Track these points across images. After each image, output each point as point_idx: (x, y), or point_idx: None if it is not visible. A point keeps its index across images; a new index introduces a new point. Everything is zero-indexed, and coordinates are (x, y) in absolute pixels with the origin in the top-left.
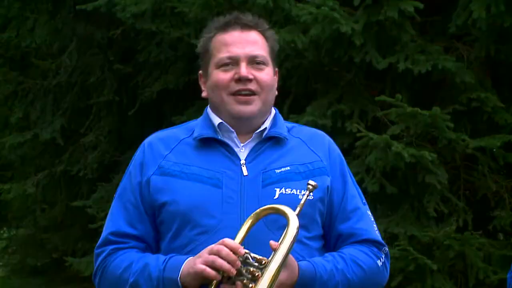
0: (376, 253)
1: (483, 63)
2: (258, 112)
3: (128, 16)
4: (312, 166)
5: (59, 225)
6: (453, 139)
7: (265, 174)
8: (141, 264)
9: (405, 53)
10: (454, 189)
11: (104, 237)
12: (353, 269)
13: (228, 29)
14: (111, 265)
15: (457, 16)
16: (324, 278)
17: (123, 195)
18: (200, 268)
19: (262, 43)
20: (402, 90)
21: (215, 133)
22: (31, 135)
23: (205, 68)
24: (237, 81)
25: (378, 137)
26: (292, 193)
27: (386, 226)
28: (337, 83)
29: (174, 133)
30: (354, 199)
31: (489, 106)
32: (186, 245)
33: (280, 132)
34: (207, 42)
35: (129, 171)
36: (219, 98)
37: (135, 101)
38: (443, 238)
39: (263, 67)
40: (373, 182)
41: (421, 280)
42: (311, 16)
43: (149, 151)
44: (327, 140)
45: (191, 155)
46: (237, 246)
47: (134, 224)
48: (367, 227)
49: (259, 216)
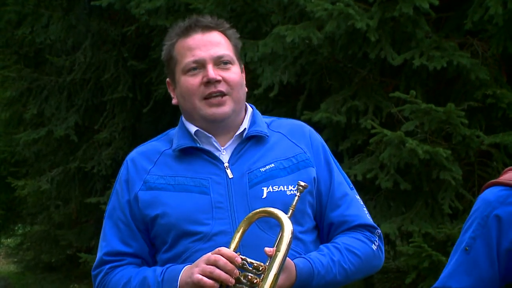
0: (370, 238)
1: (498, 59)
2: (232, 112)
3: (142, 12)
4: (296, 160)
5: (74, 221)
6: (467, 135)
7: (250, 175)
8: (139, 278)
9: (420, 49)
10: (469, 185)
11: (100, 258)
12: (349, 258)
13: (189, 33)
14: (110, 282)
15: (474, 12)
16: (322, 273)
17: (113, 214)
18: (197, 278)
19: (225, 43)
20: (416, 87)
21: (193, 141)
22: (46, 131)
23: (172, 76)
24: (206, 84)
25: (392, 133)
26: (279, 190)
27: (400, 223)
28: (351, 79)
29: (154, 146)
30: (341, 185)
31: (504, 102)
32: (182, 253)
33: (260, 130)
34: (170, 48)
35: (115, 189)
36: (191, 105)
37: (149, 98)
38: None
39: (230, 66)
40: (387, 179)
41: (435, 277)
42: (326, 12)
43: (132, 168)
44: (307, 130)
45: (174, 166)
46: (234, 255)
47: (127, 241)
48: (357, 212)
49: (251, 220)
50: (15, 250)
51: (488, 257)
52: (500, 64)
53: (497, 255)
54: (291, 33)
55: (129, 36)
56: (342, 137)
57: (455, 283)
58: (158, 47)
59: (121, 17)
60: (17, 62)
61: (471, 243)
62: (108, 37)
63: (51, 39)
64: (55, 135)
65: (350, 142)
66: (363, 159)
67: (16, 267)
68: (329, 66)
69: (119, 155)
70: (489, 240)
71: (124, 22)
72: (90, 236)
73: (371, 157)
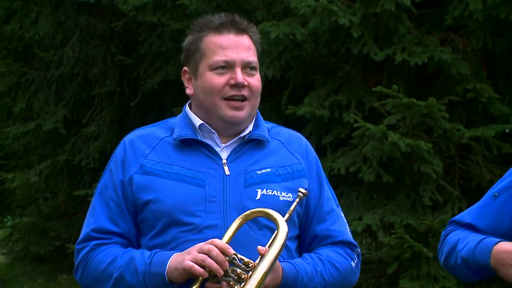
0: (350, 254)
1: (478, 54)
2: (248, 117)
3: (129, 8)
4: (292, 169)
5: (62, 213)
6: (448, 129)
7: (247, 175)
8: (126, 259)
9: (402, 45)
10: (449, 178)
11: (86, 233)
12: (330, 271)
13: (222, 31)
14: (94, 259)
15: (454, 8)
16: (305, 280)
17: (104, 192)
18: (188, 265)
19: (253, 49)
20: (398, 81)
21: (195, 133)
22: (34, 125)
23: (193, 66)
24: (232, 87)
25: (375, 127)
26: (273, 194)
27: (382, 215)
28: (335, 74)
29: (154, 132)
30: (329, 201)
31: (484, 97)
32: (170, 241)
33: (263, 135)
34: (198, 40)
35: (109, 168)
36: (211, 101)
37: (136, 92)
38: (439, 226)
39: (254, 72)
40: (370, 172)
41: (416, 267)
42: (310, 9)
43: (130, 149)
44: (304, 142)
45: (172, 154)
46: (227, 247)
47: (116, 221)
48: (341, 228)
49: (247, 218)
50: (4, 241)
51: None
52: (480, 59)
53: None
54: (276, 29)
55: (117, 31)
56: (325, 131)
57: (471, 219)
58: (146, 42)
59: (109, 12)
60: (7, 57)
61: (502, 191)
62: (96, 33)
63: (40, 35)
64: (44, 128)
65: (333, 136)
66: (346, 152)
67: (5, 258)
68: (313, 61)
69: (107, 148)
70: None
71: (112, 17)
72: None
73: (354, 150)
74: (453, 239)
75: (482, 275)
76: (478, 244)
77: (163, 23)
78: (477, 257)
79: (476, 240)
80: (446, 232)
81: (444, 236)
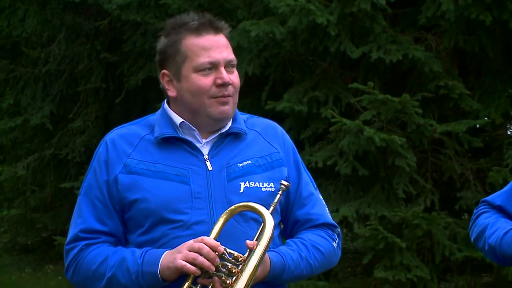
0: (331, 236)
1: (450, 53)
2: (233, 112)
3: (114, 7)
4: (271, 158)
5: (49, 205)
6: (421, 124)
7: (229, 169)
8: (117, 258)
9: (377, 43)
10: (422, 171)
11: (75, 234)
12: (314, 255)
13: (202, 32)
14: (85, 259)
15: (427, 8)
16: (292, 268)
17: (89, 192)
18: (180, 264)
19: (230, 46)
20: (374, 78)
21: (175, 131)
22: (22, 120)
23: (175, 69)
24: (219, 86)
25: (351, 122)
26: (255, 186)
27: (358, 207)
28: (313, 71)
29: (134, 130)
30: (307, 185)
31: (456, 93)
32: (159, 238)
33: (241, 127)
34: (177, 43)
35: (93, 167)
36: (198, 102)
37: (121, 88)
38: (412, 218)
39: (234, 70)
40: (346, 165)
41: (390, 257)
42: (289, 8)
43: (112, 149)
44: (280, 130)
45: (154, 152)
46: (217, 244)
47: (103, 220)
48: (321, 211)
49: (233, 213)
50: None
51: None
52: (452, 57)
53: None
54: (256, 28)
55: (102, 29)
56: (303, 126)
57: (501, 201)
58: (130, 40)
59: (94, 11)
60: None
61: None
62: (82, 31)
63: (27, 32)
64: (31, 123)
65: (311, 130)
66: (323, 146)
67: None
68: (292, 59)
69: (93, 142)
70: None
71: (97, 16)
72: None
73: (331, 144)
74: (483, 222)
75: (508, 263)
76: (506, 234)
77: (147, 21)
78: (504, 247)
79: (504, 229)
80: (478, 212)
81: (476, 215)
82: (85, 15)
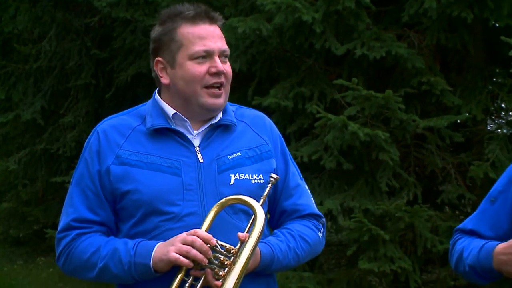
0: (317, 226)
1: (433, 49)
2: (224, 104)
3: (104, 5)
4: (260, 150)
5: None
6: (404, 119)
7: (219, 161)
8: (109, 249)
9: (361, 40)
10: (405, 165)
11: (67, 223)
12: (301, 245)
13: (198, 21)
14: (77, 248)
15: (410, 6)
16: (280, 258)
17: (81, 182)
18: (174, 257)
19: (224, 37)
20: (358, 74)
21: (167, 122)
22: (13, 115)
23: (170, 56)
24: (212, 75)
25: (336, 117)
26: (245, 178)
27: (342, 200)
28: (298, 68)
29: (125, 120)
30: (294, 176)
31: (438, 89)
32: (152, 230)
33: (231, 119)
34: (173, 31)
35: (84, 158)
36: (191, 90)
37: (111, 84)
38: (395, 211)
39: (227, 60)
40: (331, 160)
41: (374, 249)
42: (275, 6)
43: (104, 140)
44: (268, 122)
45: (146, 144)
46: (209, 237)
47: (95, 210)
48: (307, 202)
49: (224, 205)
50: None
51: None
52: (434, 54)
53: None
54: (243, 25)
55: (92, 26)
56: (289, 121)
57: (472, 225)
58: (120, 37)
59: (84, 9)
60: None
61: (497, 195)
62: (72, 28)
63: (19, 29)
64: (23, 118)
65: (297, 125)
66: (308, 141)
67: None
68: (278, 55)
69: (83, 137)
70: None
71: (87, 13)
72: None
73: (316, 139)
74: (459, 247)
75: (491, 278)
76: (480, 250)
77: (136, 19)
78: (482, 262)
79: (478, 246)
80: (454, 241)
81: (452, 245)
82: (76, 12)
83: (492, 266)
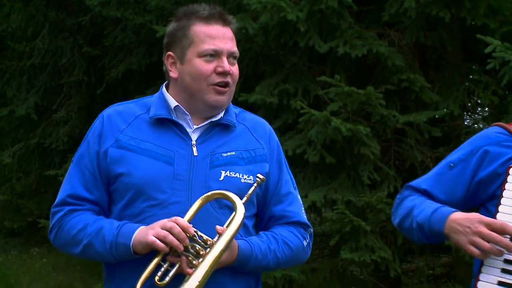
0: (303, 234)
1: (412, 48)
2: (227, 103)
3: (95, 4)
4: (255, 153)
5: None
6: (385, 115)
7: (213, 157)
8: (95, 227)
9: (344, 39)
10: (386, 159)
11: (62, 198)
12: (283, 249)
13: (211, 21)
14: (67, 224)
15: (390, 6)
16: (259, 257)
17: (80, 161)
18: (151, 240)
19: (235, 40)
20: (340, 72)
21: (169, 114)
22: (8, 111)
23: (180, 52)
24: (219, 74)
25: (319, 113)
26: (235, 176)
27: (325, 192)
28: (283, 65)
29: (131, 108)
30: (287, 184)
31: (417, 86)
32: (138, 215)
33: (231, 120)
34: (186, 28)
35: (87, 139)
36: (197, 86)
37: (102, 81)
38: (376, 203)
39: (235, 62)
40: (314, 154)
41: (355, 239)
42: (261, 5)
43: (107, 123)
44: (268, 128)
45: (146, 131)
46: (188, 226)
47: (90, 189)
48: (297, 210)
49: (208, 199)
50: None
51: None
52: (413, 52)
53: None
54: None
55: (83, 25)
56: (274, 117)
57: (426, 185)
58: (110, 35)
59: (76, 8)
60: None
61: (457, 163)
62: (65, 26)
63: (13, 28)
64: (17, 114)
65: (281, 121)
66: (293, 136)
67: None
68: (263, 53)
69: (75, 132)
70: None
71: (79, 12)
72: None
73: (300, 134)
74: (409, 204)
75: (434, 240)
76: (434, 212)
77: (126, 17)
78: (433, 223)
79: (432, 208)
80: (402, 196)
81: (400, 199)
82: (68, 11)
83: (442, 230)
